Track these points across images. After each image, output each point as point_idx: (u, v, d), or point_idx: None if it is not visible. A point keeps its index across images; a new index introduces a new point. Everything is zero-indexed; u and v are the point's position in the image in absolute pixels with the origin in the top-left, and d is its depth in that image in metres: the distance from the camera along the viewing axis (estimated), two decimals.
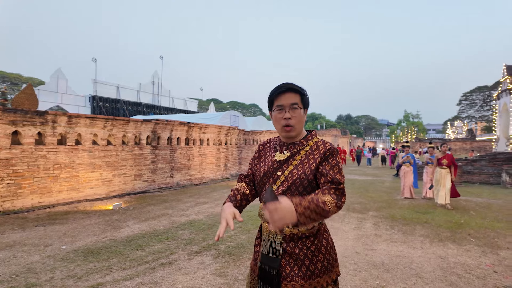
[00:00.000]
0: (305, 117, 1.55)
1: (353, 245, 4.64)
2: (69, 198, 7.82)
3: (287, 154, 1.51)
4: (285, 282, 1.39)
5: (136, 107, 30.25)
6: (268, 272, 1.45)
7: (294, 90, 1.48)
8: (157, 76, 33.54)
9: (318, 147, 1.49)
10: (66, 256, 4.08)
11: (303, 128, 1.56)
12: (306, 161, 1.47)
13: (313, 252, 1.42)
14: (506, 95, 24.17)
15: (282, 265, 1.42)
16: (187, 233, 5.20)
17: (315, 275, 1.40)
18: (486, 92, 53.83)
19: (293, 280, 1.38)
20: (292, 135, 1.51)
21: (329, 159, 1.44)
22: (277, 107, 1.50)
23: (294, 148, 1.52)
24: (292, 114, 1.48)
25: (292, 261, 1.41)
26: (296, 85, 1.51)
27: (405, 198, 8.96)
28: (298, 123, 1.49)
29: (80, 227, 5.51)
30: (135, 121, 9.66)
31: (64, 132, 7.82)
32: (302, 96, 1.50)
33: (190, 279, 3.42)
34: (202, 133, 12.60)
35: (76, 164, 8.01)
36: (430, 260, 4.05)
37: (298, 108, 1.48)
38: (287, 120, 1.47)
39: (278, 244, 1.45)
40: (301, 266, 1.40)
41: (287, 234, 1.43)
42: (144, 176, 9.94)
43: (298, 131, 1.52)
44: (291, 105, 1.47)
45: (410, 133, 55.71)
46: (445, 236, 5.16)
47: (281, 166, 1.50)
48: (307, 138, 1.55)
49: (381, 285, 3.32)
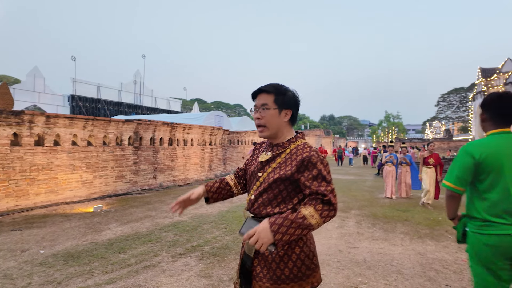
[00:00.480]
0: (287, 117, 1.51)
1: (336, 244, 4.73)
2: (48, 200, 7.57)
3: (269, 156, 1.52)
4: (254, 281, 1.44)
5: (118, 107, 29.61)
6: (246, 269, 1.49)
7: (265, 91, 1.50)
8: (139, 75, 32.93)
9: (297, 151, 1.46)
10: (45, 260, 3.95)
11: (281, 128, 1.51)
12: (284, 165, 1.45)
13: (281, 258, 1.40)
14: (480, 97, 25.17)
15: (254, 264, 1.46)
16: (171, 235, 5.14)
17: (281, 281, 1.38)
18: (462, 94, 55.92)
19: (261, 281, 1.41)
20: (265, 136, 1.52)
21: (309, 168, 1.39)
22: (253, 108, 1.55)
23: (277, 150, 1.52)
24: (262, 115, 1.49)
25: (262, 262, 1.43)
26: (270, 85, 1.51)
27: (389, 198, 8.88)
28: (269, 123, 1.49)
29: (59, 231, 5.34)
30: (117, 121, 9.46)
31: (42, 133, 7.57)
32: (277, 96, 1.49)
33: (174, 281, 3.39)
34: (186, 134, 12.48)
35: (54, 166, 7.77)
36: (410, 257, 4.18)
37: (268, 109, 1.48)
38: (258, 120, 1.51)
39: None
40: (269, 269, 1.41)
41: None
42: (126, 178, 9.75)
43: (273, 131, 1.50)
44: (262, 105, 1.49)
45: (390, 133, 57.12)
46: (424, 233, 5.33)
47: (263, 167, 1.52)
48: (291, 140, 1.51)
49: (363, 282, 3.40)
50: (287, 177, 1.42)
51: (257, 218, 1.46)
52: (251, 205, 1.51)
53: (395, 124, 58.54)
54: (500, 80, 23.80)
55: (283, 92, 1.51)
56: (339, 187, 11.53)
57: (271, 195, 1.45)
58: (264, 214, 1.45)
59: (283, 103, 1.49)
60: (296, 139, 1.53)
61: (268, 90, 1.49)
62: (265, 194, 1.46)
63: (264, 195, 1.46)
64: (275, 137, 1.53)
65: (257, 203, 1.48)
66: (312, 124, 65.90)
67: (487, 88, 23.79)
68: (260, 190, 1.47)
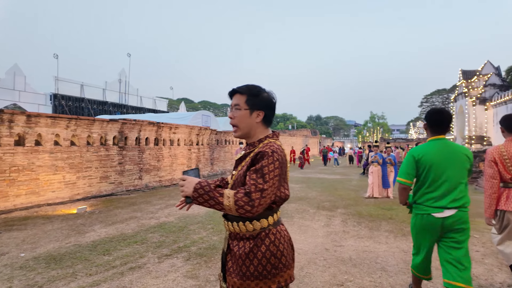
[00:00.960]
0: (259, 118, 1.53)
1: (322, 242, 4.78)
2: (28, 202, 7.35)
3: (241, 155, 1.58)
4: (227, 275, 1.51)
5: (102, 106, 29.01)
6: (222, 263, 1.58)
7: (239, 91, 1.54)
8: (124, 74, 32.36)
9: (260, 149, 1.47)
10: (25, 264, 3.84)
11: (253, 129, 1.54)
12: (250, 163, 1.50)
13: (246, 254, 1.43)
14: (462, 98, 25.91)
15: (227, 258, 1.53)
16: (157, 236, 5.08)
17: (246, 277, 1.42)
18: (444, 95, 57.43)
19: (231, 276, 1.48)
20: (237, 135, 1.57)
21: (258, 161, 1.42)
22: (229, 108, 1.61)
23: (248, 149, 1.56)
24: (234, 114, 1.54)
25: (233, 258, 1.49)
26: (243, 86, 1.55)
27: (374, 198, 8.93)
28: (240, 123, 1.53)
29: (40, 233, 5.20)
30: (101, 121, 9.27)
31: (23, 133, 7.34)
32: (249, 97, 1.52)
33: (160, 282, 3.35)
34: (172, 133, 12.35)
35: (36, 166, 7.55)
36: (394, 254, 4.26)
37: (239, 109, 1.52)
38: (231, 120, 1.56)
39: (226, 239, 1.57)
40: (236, 265, 1.46)
41: (231, 231, 1.52)
42: (110, 178, 9.57)
43: (244, 131, 1.54)
44: (234, 106, 1.55)
45: (376, 133, 58.11)
46: (408, 231, 5.45)
47: (237, 166, 1.59)
48: (261, 140, 1.54)
49: (349, 279, 3.45)
50: (245, 173, 1.47)
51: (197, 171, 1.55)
52: None
53: (380, 125, 59.59)
54: (480, 82, 24.57)
55: (256, 93, 1.53)
56: (326, 186, 11.65)
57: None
58: None
59: (255, 104, 1.52)
60: (266, 138, 1.54)
61: (241, 91, 1.54)
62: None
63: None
64: (247, 137, 1.57)
65: None
66: (299, 124, 66.35)
67: (468, 90, 24.50)
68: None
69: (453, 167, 2.50)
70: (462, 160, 2.52)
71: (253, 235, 1.45)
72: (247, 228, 1.45)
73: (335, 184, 12.29)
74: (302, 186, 11.75)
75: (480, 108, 23.86)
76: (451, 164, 2.50)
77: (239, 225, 1.46)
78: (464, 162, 2.52)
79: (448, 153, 2.53)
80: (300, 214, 6.70)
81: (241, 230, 1.46)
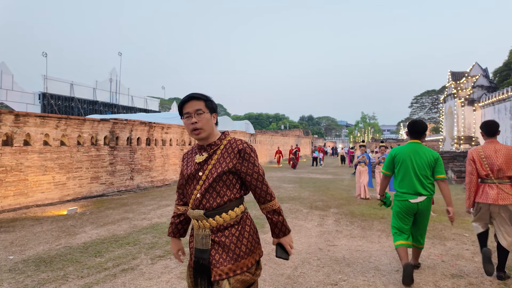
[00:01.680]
0: (215, 119, 1.73)
1: (316, 242, 4.79)
2: (16, 203, 7.19)
3: (205, 156, 1.68)
4: (215, 269, 1.56)
5: (92, 106, 28.58)
6: (201, 264, 1.61)
7: (196, 98, 1.68)
8: (115, 73, 31.95)
9: (231, 145, 1.68)
10: (14, 266, 3.75)
11: (213, 129, 1.71)
12: (222, 159, 1.65)
13: (237, 238, 1.62)
14: (451, 99, 26.32)
15: (212, 254, 1.60)
16: (149, 237, 5.02)
17: (241, 257, 1.60)
18: (434, 96, 58.31)
19: (222, 265, 1.56)
20: (202, 137, 1.68)
21: (245, 157, 1.66)
22: (185, 115, 1.68)
23: (210, 149, 1.69)
24: (198, 119, 1.65)
25: (220, 249, 1.59)
26: (198, 93, 1.71)
27: (360, 199, 8.81)
28: (205, 125, 1.66)
29: (30, 235, 5.09)
30: (92, 121, 9.14)
31: (11, 132, 7.19)
32: (206, 102, 1.69)
33: (154, 284, 3.31)
34: (164, 133, 12.25)
35: (24, 167, 7.40)
36: (387, 253, 4.30)
37: (203, 113, 1.65)
38: (194, 124, 1.64)
39: (207, 236, 1.63)
40: (228, 252, 1.59)
41: (213, 226, 1.62)
42: (101, 179, 9.44)
43: (208, 132, 1.68)
44: (196, 111, 1.65)
45: (367, 133, 58.68)
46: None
47: (201, 167, 1.67)
48: (221, 138, 1.72)
49: (343, 279, 3.46)
50: (229, 169, 1.64)
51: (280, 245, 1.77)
52: (199, 202, 1.64)
53: (371, 125, 60.20)
54: (468, 83, 25.00)
55: (210, 98, 1.73)
56: (318, 186, 11.71)
57: (217, 187, 1.63)
58: (215, 206, 1.62)
59: (212, 108, 1.71)
60: (225, 136, 1.74)
61: (199, 97, 1.68)
62: (211, 188, 1.63)
63: (210, 189, 1.63)
64: (208, 138, 1.70)
65: (205, 199, 1.63)
66: (292, 124, 66.55)
67: (457, 91, 24.89)
68: (206, 187, 1.62)
69: (418, 165, 3.35)
70: (428, 160, 3.34)
71: (237, 220, 1.66)
72: (231, 216, 1.64)
73: (327, 184, 12.37)
74: (295, 186, 11.79)
75: (468, 109, 24.30)
76: (417, 162, 3.35)
77: (223, 216, 1.62)
78: (430, 162, 3.34)
79: (417, 154, 3.38)
80: (294, 214, 6.72)
81: (225, 220, 1.62)
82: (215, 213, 1.62)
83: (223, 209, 1.63)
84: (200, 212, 1.63)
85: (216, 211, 1.62)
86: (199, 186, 1.65)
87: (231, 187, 1.66)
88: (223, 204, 1.63)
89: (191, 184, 1.70)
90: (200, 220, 1.64)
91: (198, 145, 1.77)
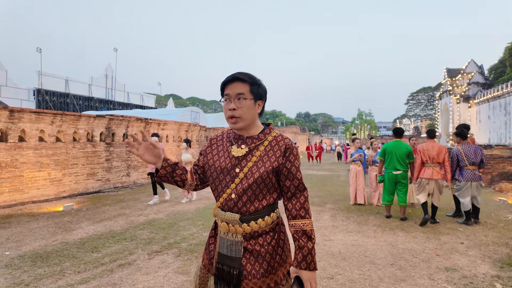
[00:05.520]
0: (259, 109, 1.44)
1: None
2: (12, 200, 7.15)
3: (245, 150, 1.41)
4: (246, 281, 1.34)
5: (88, 102, 28.37)
6: (227, 272, 1.39)
7: (241, 79, 1.38)
8: (110, 69, 31.69)
9: (277, 142, 1.42)
10: (10, 262, 3.75)
11: (255, 120, 1.44)
12: (266, 157, 1.39)
13: (273, 247, 1.40)
14: (446, 96, 26.46)
15: (243, 263, 1.37)
16: (146, 232, 5.03)
17: (275, 269, 1.39)
18: (430, 93, 58.55)
19: (255, 278, 1.34)
20: (238, 127, 1.41)
21: (290, 158, 1.41)
22: (224, 97, 1.41)
23: (252, 142, 1.42)
24: (237, 105, 1.37)
25: (253, 259, 1.37)
26: (245, 73, 1.40)
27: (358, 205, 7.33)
28: (245, 113, 1.38)
29: (26, 231, 5.08)
30: (87, 117, 9.08)
31: (5, 128, 7.13)
32: (252, 86, 1.39)
33: (151, 279, 3.32)
34: (161, 130, 12.21)
35: (19, 163, 7.35)
36: (382, 247, 4.35)
37: (246, 99, 1.37)
38: (232, 111, 1.38)
39: (239, 243, 1.40)
40: (262, 263, 1.36)
41: (247, 232, 1.38)
42: (97, 175, 9.40)
43: (247, 123, 1.40)
44: (237, 95, 1.37)
45: (363, 130, 58.90)
46: (395, 225, 5.57)
47: (239, 163, 1.40)
48: (265, 132, 1.45)
49: (339, 273, 3.50)
50: (273, 168, 1.39)
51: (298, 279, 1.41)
52: (233, 204, 1.38)
53: (367, 122, 60.41)
54: (464, 80, 25.14)
55: (258, 82, 1.43)
56: (314, 182, 11.76)
57: (257, 190, 1.37)
58: (253, 211, 1.38)
59: (258, 94, 1.41)
60: (270, 130, 1.47)
61: (244, 79, 1.38)
62: (250, 190, 1.37)
63: (249, 191, 1.37)
64: (247, 129, 1.43)
65: (242, 201, 1.37)
66: (289, 121, 66.59)
67: (452, 88, 25.03)
68: (244, 187, 1.36)
69: (399, 153, 5.79)
70: (404, 151, 5.78)
71: (272, 227, 1.43)
72: (267, 222, 1.41)
73: (323, 180, 12.42)
74: None
75: (464, 106, 24.46)
76: (398, 152, 5.79)
77: (259, 222, 1.38)
78: (405, 152, 5.77)
79: (398, 147, 5.82)
80: None
81: (260, 226, 1.39)
82: (252, 218, 1.38)
83: (260, 214, 1.39)
84: (235, 217, 1.38)
85: (253, 216, 1.38)
86: (234, 185, 1.38)
87: (272, 190, 1.41)
88: (262, 209, 1.39)
89: (221, 179, 1.42)
90: (232, 224, 1.39)
91: (235, 133, 1.47)
